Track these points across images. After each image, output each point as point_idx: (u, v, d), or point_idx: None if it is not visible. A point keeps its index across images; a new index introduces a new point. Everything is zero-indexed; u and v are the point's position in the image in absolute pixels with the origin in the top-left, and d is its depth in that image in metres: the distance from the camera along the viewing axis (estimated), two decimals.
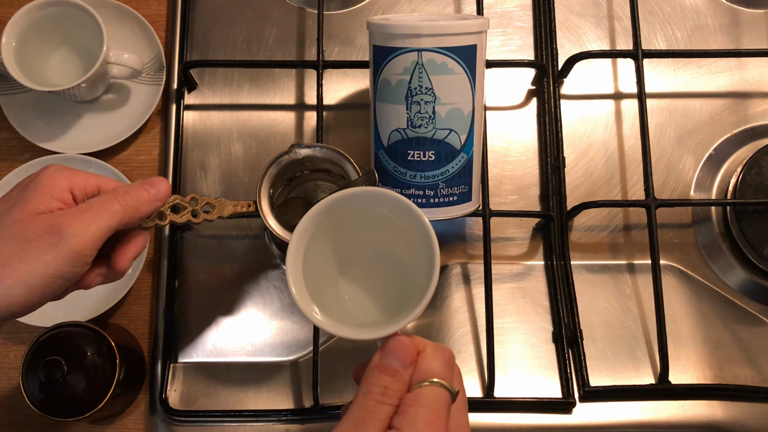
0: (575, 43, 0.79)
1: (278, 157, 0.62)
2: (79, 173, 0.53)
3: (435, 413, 0.42)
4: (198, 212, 0.59)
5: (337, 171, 0.66)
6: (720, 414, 0.68)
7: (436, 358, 0.45)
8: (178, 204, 0.58)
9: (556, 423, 0.68)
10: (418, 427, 0.41)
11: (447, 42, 0.60)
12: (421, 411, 0.42)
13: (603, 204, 0.72)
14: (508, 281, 0.72)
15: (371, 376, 0.44)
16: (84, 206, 0.51)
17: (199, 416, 0.67)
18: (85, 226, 0.49)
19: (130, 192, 0.53)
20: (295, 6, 0.80)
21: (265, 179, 0.62)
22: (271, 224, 0.61)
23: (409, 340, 0.45)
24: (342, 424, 0.43)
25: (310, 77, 0.77)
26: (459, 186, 0.64)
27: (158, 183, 0.55)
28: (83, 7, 0.69)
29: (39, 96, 0.74)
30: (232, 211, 0.60)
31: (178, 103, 0.76)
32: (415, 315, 0.45)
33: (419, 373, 0.44)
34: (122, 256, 0.54)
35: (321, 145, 0.63)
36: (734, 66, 0.79)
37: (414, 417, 0.42)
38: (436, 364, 0.44)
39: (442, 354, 0.45)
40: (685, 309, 0.72)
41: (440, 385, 0.43)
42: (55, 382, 0.59)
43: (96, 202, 0.51)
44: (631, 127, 0.77)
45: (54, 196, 0.50)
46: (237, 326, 0.71)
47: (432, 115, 0.62)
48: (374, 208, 0.50)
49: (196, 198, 0.58)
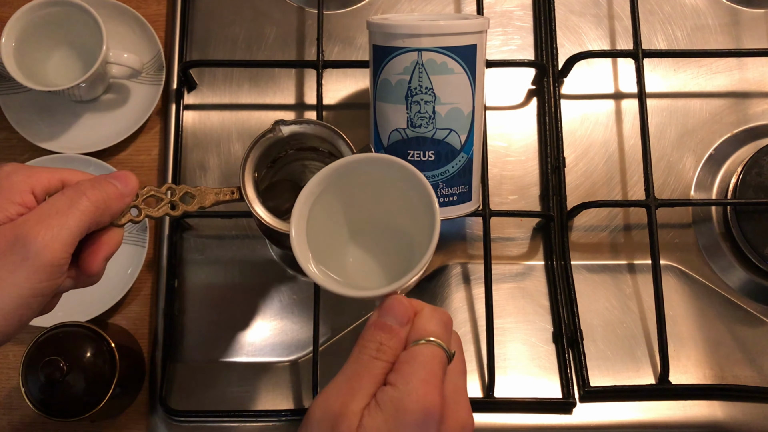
0: (575, 43, 0.79)
1: (261, 137, 0.58)
2: (39, 170, 0.46)
3: (430, 371, 0.42)
4: (177, 204, 0.53)
5: (325, 148, 0.62)
6: (720, 414, 0.68)
7: (433, 318, 0.44)
8: (154, 196, 0.53)
9: (556, 423, 0.68)
10: (412, 382, 0.41)
11: (447, 42, 0.60)
12: (417, 368, 0.41)
13: (603, 204, 0.72)
14: (508, 281, 0.72)
15: (368, 333, 0.43)
16: (48, 207, 0.44)
17: (199, 416, 0.67)
18: (54, 234, 0.43)
19: (98, 186, 0.46)
20: (295, 6, 0.79)
21: (248, 163, 0.57)
22: (258, 210, 0.56)
23: (407, 299, 0.45)
24: (336, 378, 0.42)
25: (310, 77, 0.77)
26: (459, 186, 0.64)
27: (125, 177, 0.49)
28: (83, 7, 0.69)
29: (39, 96, 0.74)
30: (214, 200, 0.55)
31: (177, 103, 0.76)
32: (414, 275, 0.45)
33: (416, 332, 0.43)
34: (93, 257, 0.47)
35: (310, 121, 0.59)
36: (734, 66, 0.79)
37: (409, 373, 0.41)
38: (433, 324, 0.44)
39: (440, 316, 0.44)
40: (686, 309, 0.72)
41: (436, 344, 0.43)
42: (55, 382, 0.59)
43: (62, 202, 0.44)
44: (632, 126, 0.77)
45: (13, 201, 0.44)
46: (237, 326, 0.71)
47: (432, 115, 0.62)
48: (376, 175, 0.49)
49: (173, 188, 0.53)
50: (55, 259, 0.43)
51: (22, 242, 0.42)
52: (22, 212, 0.44)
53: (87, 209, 0.45)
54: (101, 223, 0.47)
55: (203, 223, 0.73)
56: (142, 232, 0.71)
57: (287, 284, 0.72)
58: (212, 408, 0.68)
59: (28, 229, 0.42)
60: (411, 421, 0.40)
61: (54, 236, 0.43)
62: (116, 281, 0.70)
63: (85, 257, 0.47)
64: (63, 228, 0.43)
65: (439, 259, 0.73)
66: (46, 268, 0.42)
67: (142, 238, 0.71)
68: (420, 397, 0.40)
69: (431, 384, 0.41)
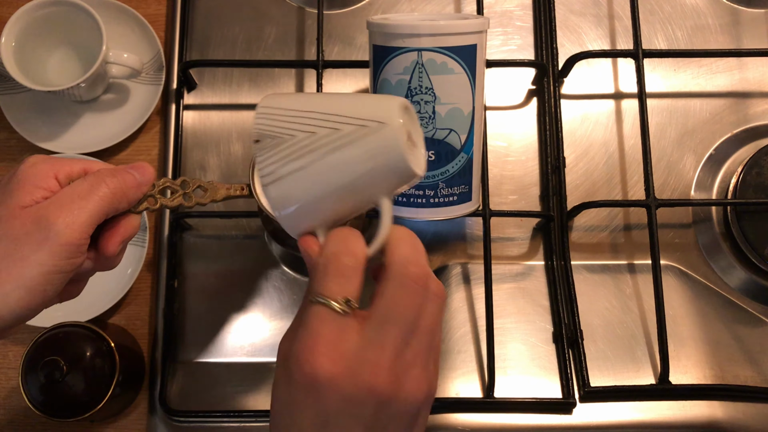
0: (575, 43, 0.79)
1: None
2: (63, 159, 0.50)
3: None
4: (190, 196, 0.56)
5: None
6: (720, 414, 0.68)
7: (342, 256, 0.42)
8: (169, 187, 0.56)
9: (556, 423, 0.68)
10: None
11: (447, 42, 0.60)
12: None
13: (603, 204, 0.72)
14: (509, 281, 0.72)
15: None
16: (69, 192, 0.47)
17: (199, 416, 0.67)
18: (75, 215, 0.46)
19: (117, 175, 0.50)
20: (295, 6, 0.79)
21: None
22: (266, 206, 0.58)
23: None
24: None
25: (310, 77, 0.77)
26: (459, 186, 0.64)
27: (143, 167, 0.52)
28: (83, 7, 0.69)
29: (38, 96, 0.74)
30: (225, 194, 0.57)
31: (177, 103, 0.76)
32: None
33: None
34: (110, 240, 0.50)
35: None
36: (735, 66, 0.78)
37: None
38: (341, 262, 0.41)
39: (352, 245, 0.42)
40: (686, 309, 0.72)
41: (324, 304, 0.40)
42: (55, 382, 0.59)
43: (82, 188, 0.48)
44: (632, 126, 0.76)
45: (39, 186, 0.47)
46: (237, 326, 0.71)
47: (432, 115, 0.62)
48: None
49: (187, 181, 0.56)
50: (74, 239, 0.46)
51: (45, 223, 0.46)
52: (46, 196, 0.47)
53: (105, 195, 0.48)
54: (119, 210, 0.50)
55: (203, 223, 0.73)
56: (142, 232, 0.71)
57: (287, 284, 0.72)
58: (212, 408, 0.68)
59: (51, 212, 0.46)
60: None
61: (74, 218, 0.46)
62: (116, 281, 0.70)
63: (103, 240, 0.50)
64: (83, 211, 0.47)
65: (439, 259, 0.73)
66: (66, 247, 0.46)
67: (142, 238, 0.71)
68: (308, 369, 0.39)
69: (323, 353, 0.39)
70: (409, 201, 0.64)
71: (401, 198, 0.64)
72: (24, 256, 0.45)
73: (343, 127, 0.42)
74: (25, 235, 0.46)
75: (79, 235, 0.46)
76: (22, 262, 0.45)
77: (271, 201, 0.44)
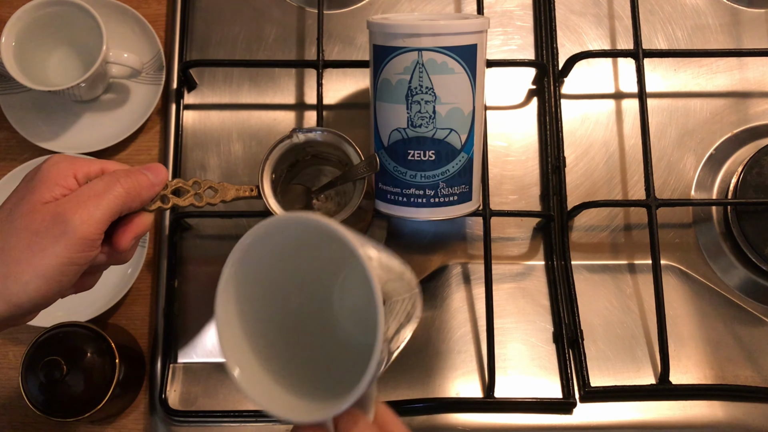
0: (576, 43, 0.79)
1: (279, 142, 0.62)
2: (83, 159, 0.53)
3: None
4: (201, 196, 0.58)
5: (334, 156, 0.66)
6: (721, 414, 0.68)
7: None
8: (181, 188, 0.57)
9: (556, 423, 0.68)
10: None
11: (447, 41, 0.60)
12: None
13: (603, 204, 0.72)
14: (509, 281, 0.72)
15: None
16: (86, 190, 0.51)
17: (199, 416, 0.67)
18: (90, 212, 0.49)
19: (132, 175, 0.53)
20: (295, 5, 0.79)
21: (267, 163, 0.62)
22: (274, 208, 0.60)
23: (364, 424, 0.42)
24: None
25: (310, 77, 0.77)
26: (459, 186, 0.64)
27: (156, 168, 0.55)
28: (83, 7, 0.69)
29: (38, 96, 0.74)
30: (234, 195, 0.59)
31: (177, 103, 0.76)
32: (366, 384, 0.38)
33: None
34: (123, 235, 0.54)
35: (321, 129, 0.63)
36: (735, 66, 0.78)
37: None
38: None
39: None
40: (686, 309, 0.72)
41: None
42: (55, 382, 0.59)
43: (98, 186, 0.51)
44: (632, 126, 0.76)
45: (58, 183, 0.51)
46: None
47: (432, 115, 0.62)
48: (296, 240, 0.44)
49: (199, 182, 0.58)
50: (89, 233, 0.49)
51: (62, 218, 0.49)
52: (65, 193, 0.51)
53: (120, 194, 0.51)
54: (132, 208, 0.53)
55: (203, 223, 0.73)
56: None
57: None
58: (212, 408, 0.68)
59: (68, 208, 0.49)
60: None
61: (89, 215, 0.49)
62: (116, 281, 0.70)
63: (116, 236, 0.53)
64: (98, 208, 0.50)
65: (440, 259, 0.73)
66: (81, 241, 0.49)
67: (142, 238, 0.71)
68: None
69: None
70: (410, 201, 0.64)
71: (402, 198, 0.64)
72: (43, 248, 0.48)
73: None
74: (44, 229, 0.49)
75: (93, 231, 0.49)
76: (41, 253, 0.48)
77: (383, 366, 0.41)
